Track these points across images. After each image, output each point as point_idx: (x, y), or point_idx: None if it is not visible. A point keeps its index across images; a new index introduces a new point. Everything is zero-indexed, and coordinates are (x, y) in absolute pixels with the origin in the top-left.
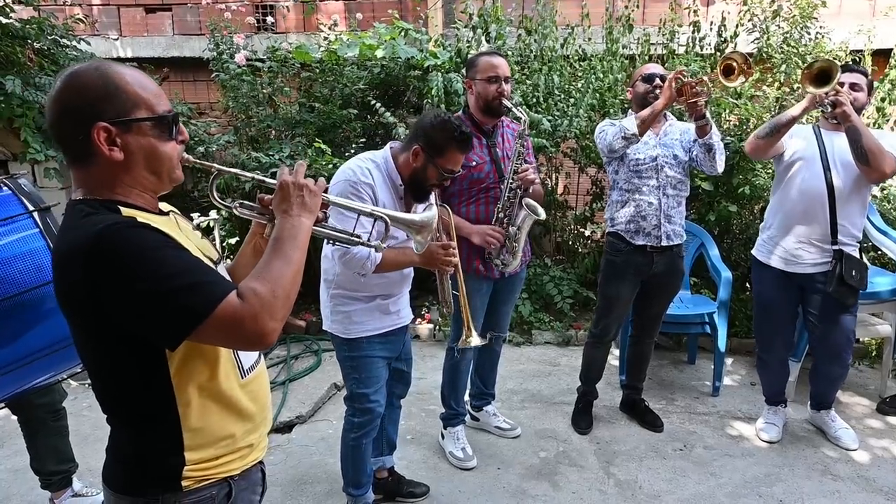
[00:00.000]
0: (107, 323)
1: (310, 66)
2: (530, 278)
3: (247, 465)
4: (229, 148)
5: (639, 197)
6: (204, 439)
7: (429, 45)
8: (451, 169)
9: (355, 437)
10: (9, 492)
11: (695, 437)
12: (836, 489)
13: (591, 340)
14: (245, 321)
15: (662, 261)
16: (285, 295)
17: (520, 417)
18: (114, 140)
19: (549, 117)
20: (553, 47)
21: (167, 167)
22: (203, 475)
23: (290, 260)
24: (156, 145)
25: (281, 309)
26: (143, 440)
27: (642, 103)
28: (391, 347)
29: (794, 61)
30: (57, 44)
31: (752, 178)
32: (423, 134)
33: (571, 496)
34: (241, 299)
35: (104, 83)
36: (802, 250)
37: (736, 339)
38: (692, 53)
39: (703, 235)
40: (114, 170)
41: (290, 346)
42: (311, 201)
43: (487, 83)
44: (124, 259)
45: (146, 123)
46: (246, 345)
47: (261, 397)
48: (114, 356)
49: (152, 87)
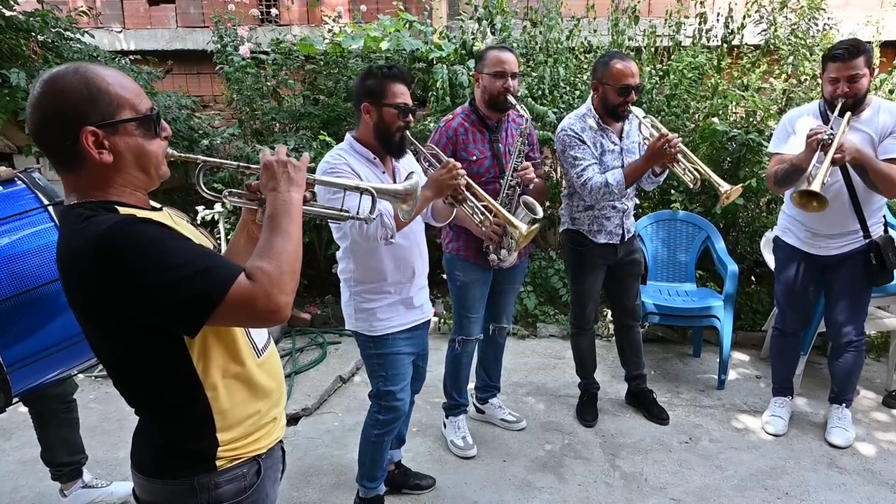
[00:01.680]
0: (125, 319)
1: (314, 58)
2: (535, 271)
3: (271, 443)
4: (234, 141)
5: (604, 203)
6: (234, 419)
7: (433, 38)
8: (400, 102)
9: (378, 433)
10: (17, 483)
11: (700, 429)
12: (842, 482)
13: (575, 332)
14: (258, 299)
15: (624, 248)
16: (291, 269)
17: (525, 410)
18: (102, 143)
19: (555, 109)
20: (558, 39)
21: (155, 164)
22: (235, 454)
23: (289, 235)
24: (142, 144)
25: (290, 282)
26: (177, 426)
27: (612, 112)
28: (416, 343)
29: (801, 53)
30: (61, 36)
31: (759, 172)
32: (359, 93)
33: (577, 489)
34: (249, 279)
35: (86, 86)
36: (822, 240)
37: (741, 333)
38: (699, 45)
39: (710, 228)
40: (104, 172)
41: (295, 339)
42: (296, 175)
43: (494, 78)
44: (134, 255)
45: (132, 124)
46: (261, 322)
47: (276, 374)
48: (137, 350)
49: (132, 87)
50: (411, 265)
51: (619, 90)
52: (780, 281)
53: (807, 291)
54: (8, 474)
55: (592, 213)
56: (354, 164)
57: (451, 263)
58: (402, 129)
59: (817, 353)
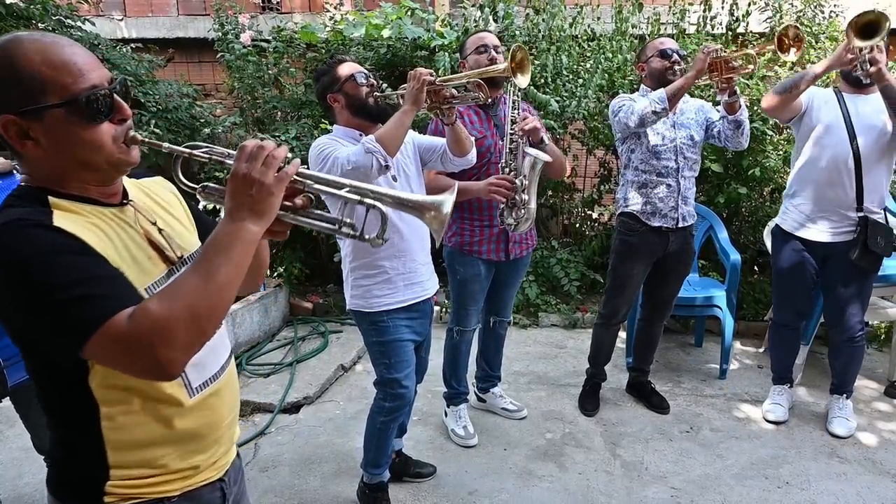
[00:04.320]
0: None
1: (316, 46)
2: (537, 261)
3: (192, 485)
4: (235, 129)
5: (657, 179)
6: (130, 457)
7: (435, 25)
8: (351, 73)
9: (384, 420)
10: (21, 469)
11: (701, 419)
12: (843, 471)
13: (600, 322)
14: (131, 347)
15: (677, 240)
16: (192, 317)
17: (526, 399)
18: (26, 133)
19: (558, 98)
20: (561, 27)
21: (100, 154)
22: (129, 493)
23: (213, 275)
24: (76, 132)
25: (183, 335)
26: (67, 449)
27: (660, 79)
28: (416, 329)
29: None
30: (62, 24)
31: (763, 160)
32: (320, 94)
33: (578, 477)
34: (130, 319)
35: (8, 66)
36: (826, 219)
37: (743, 322)
38: (703, 33)
39: (712, 217)
40: (39, 163)
41: (297, 327)
42: (263, 203)
43: (478, 54)
44: (14, 263)
45: (58, 109)
46: (137, 375)
47: (216, 416)
48: (33, 356)
49: (68, 63)
50: (409, 240)
51: (659, 53)
52: (776, 272)
53: (803, 283)
54: (11, 461)
55: (645, 191)
56: (343, 142)
57: (453, 257)
58: (370, 93)
59: (819, 342)
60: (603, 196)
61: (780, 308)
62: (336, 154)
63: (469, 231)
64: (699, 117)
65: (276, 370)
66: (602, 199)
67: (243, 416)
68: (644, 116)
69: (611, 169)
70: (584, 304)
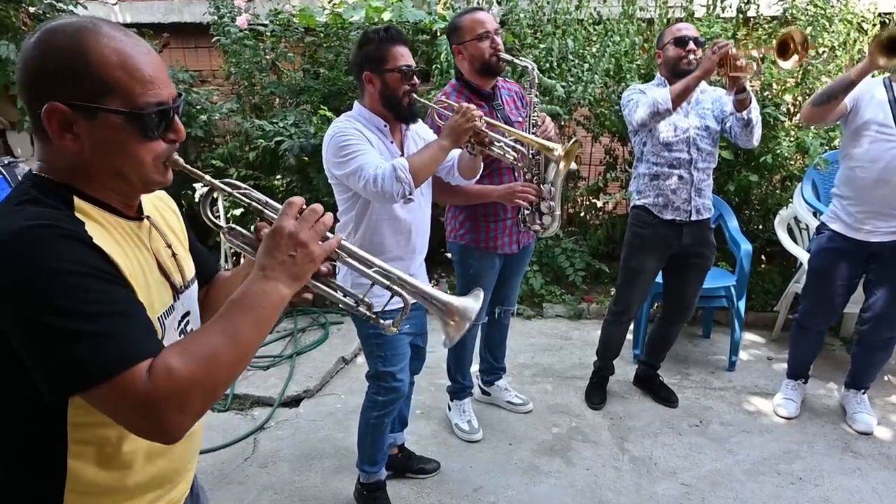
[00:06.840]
0: None
1: (314, 30)
2: (541, 250)
3: None
4: (232, 116)
5: (668, 171)
6: (89, 501)
7: (437, 8)
8: (403, 66)
9: (378, 415)
10: None
11: (711, 412)
12: (857, 466)
13: (611, 318)
14: (144, 406)
15: (692, 233)
16: (212, 384)
17: (531, 392)
18: (69, 125)
19: (563, 83)
20: (567, 10)
21: (139, 170)
22: None
23: (237, 339)
24: (125, 143)
25: (199, 401)
26: (16, 482)
27: (673, 69)
28: (414, 322)
29: (820, 24)
30: (53, 8)
31: (774, 147)
32: (358, 62)
33: (585, 473)
34: (149, 375)
35: (74, 55)
36: (876, 218)
37: (752, 313)
38: (713, 16)
39: (722, 206)
40: (69, 157)
41: (297, 319)
42: (303, 267)
43: (479, 42)
44: (33, 276)
45: (117, 116)
46: (137, 432)
47: (182, 461)
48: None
49: (144, 72)
50: (412, 242)
51: (675, 40)
52: (813, 272)
53: (841, 287)
54: None
55: (657, 183)
56: (364, 131)
57: (465, 253)
58: (408, 93)
59: (831, 334)
60: (608, 184)
61: (809, 311)
62: (364, 162)
63: (484, 228)
64: (716, 108)
65: (275, 363)
66: (607, 187)
67: (242, 410)
68: (644, 119)
69: (616, 157)
70: (590, 295)
